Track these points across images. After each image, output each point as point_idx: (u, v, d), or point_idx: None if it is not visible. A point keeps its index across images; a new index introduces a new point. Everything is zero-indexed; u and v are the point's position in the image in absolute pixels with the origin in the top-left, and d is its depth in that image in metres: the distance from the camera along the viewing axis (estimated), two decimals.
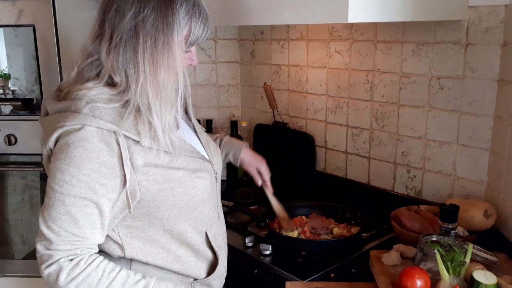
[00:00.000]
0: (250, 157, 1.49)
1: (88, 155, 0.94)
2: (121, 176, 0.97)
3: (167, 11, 0.98)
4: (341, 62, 1.89)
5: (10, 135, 1.80)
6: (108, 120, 0.96)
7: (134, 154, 0.98)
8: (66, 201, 0.94)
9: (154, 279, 1.03)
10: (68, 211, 0.94)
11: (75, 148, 0.94)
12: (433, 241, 1.23)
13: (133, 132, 0.98)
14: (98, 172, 0.95)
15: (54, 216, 0.94)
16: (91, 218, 0.97)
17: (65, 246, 0.95)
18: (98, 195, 0.96)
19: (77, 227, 0.95)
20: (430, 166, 1.67)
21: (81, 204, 0.95)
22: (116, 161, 0.96)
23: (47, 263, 0.95)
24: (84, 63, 1.02)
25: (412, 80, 1.66)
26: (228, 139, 1.50)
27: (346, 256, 1.42)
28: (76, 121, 0.95)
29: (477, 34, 1.47)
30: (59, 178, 0.94)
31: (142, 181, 1.00)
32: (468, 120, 1.54)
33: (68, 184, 0.94)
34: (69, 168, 0.94)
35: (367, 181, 1.88)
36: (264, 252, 1.44)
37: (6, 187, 1.92)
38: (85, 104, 0.95)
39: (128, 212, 1.01)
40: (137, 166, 0.99)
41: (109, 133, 0.96)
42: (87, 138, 0.94)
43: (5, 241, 1.96)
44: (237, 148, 1.48)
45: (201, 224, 1.15)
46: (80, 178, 0.94)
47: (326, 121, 2.00)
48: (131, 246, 1.06)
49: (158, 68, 0.98)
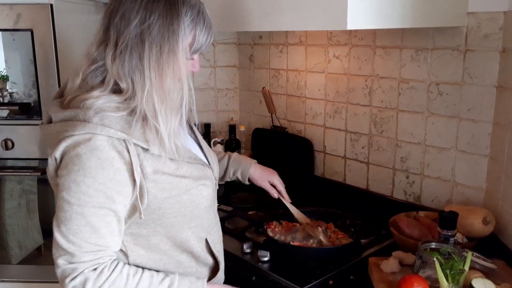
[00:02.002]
0: (259, 172, 1.50)
1: (102, 164, 0.94)
2: (132, 183, 0.98)
3: (173, 18, 0.98)
4: (340, 67, 1.88)
5: (7, 139, 1.79)
6: (118, 129, 0.96)
7: (143, 161, 0.99)
8: (86, 213, 0.94)
9: (177, 275, 1.04)
10: (89, 222, 0.94)
11: (88, 159, 0.93)
12: (432, 249, 1.23)
13: (142, 140, 0.99)
14: (113, 179, 0.95)
15: (74, 229, 0.94)
16: (110, 226, 0.97)
17: (89, 257, 0.95)
18: (116, 203, 0.96)
19: (98, 237, 0.95)
20: (429, 172, 1.66)
21: (101, 214, 0.95)
22: (128, 168, 0.97)
23: (71, 276, 0.95)
24: (89, 70, 1.02)
25: (411, 86, 1.66)
26: (236, 156, 1.51)
27: (344, 263, 1.41)
28: (86, 130, 0.94)
29: (476, 40, 1.47)
30: (75, 190, 0.93)
31: (150, 188, 1.01)
32: (467, 126, 1.54)
33: (85, 195, 0.93)
34: (84, 179, 0.93)
35: (366, 187, 1.88)
36: (262, 259, 1.43)
37: (3, 191, 1.91)
38: (95, 113, 0.95)
39: (139, 218, 1.01)
40: (147, 174, 1.00)
41: (119, 142, 0.96)
42: (98, 147, 0.94)
43: (1, 246, 1.95)
44: (245, 166, 1.49)
45: (203, 231, 1.16)
46: (97, 188, 0.94)
47: (324, 126, 2.00)
48: (134, 254, 1.06)
49: (163, 75, 0.99)
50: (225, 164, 1.50)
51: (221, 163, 1.49)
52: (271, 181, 1.52)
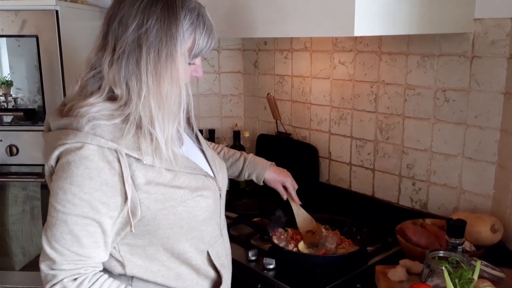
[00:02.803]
0: (274, 174, 1.49)
1: (90, 174, 0.93)
2: (122, 194, 0.96)
3: (171, 22, 0.97)
4: (345, 73, 1.88)
5: (12, 145, 1.79)
6: (109, 138, 0.94)
7: (135, 172, 0.97)
8: (69, 221, 0.93)
9: None
10: (71, 230, 0.93)
11: (76, 167, 0.92)
12: (440, 257, 1.21)
13: (135, 149, 0.97)
14: (99, 190, 0.94)
15: (57, 236, 0.93)
16: (94, 237, 0.95)
17: (69, 265, 0.94)
18: (100, 214, 0.95)
19: (80, 246, 0.94)
20: (435, 179, 1.65)
21: (84, 223, 0.94)
22: (118, 179, 0.95)
23: (51, 283, 0.94)
24: (88, 76, 1.01)
25: (417, 92, 1.65)
26: (253, 159, 1.50)
27: (351, 271, 1.40)
28: (77, 139, 0.93)
29: (483, 46, 1.46)
30: (61, 197, 0.93)
31: (143, 199, 0.98)
32: (474, 133, 1.52)
33: (70, 203, 0.92)
34: (70, 187, 0.92)
35: (372, 193, 1.87)
36: (267, 266, 1.42)
37: (7, 197, 1.91)
38: (87, 122, 0.94)
39: (130, 231, 0.99)
40: (139, 184, 0.97)
41: (110, 151, 0.94)
42: (88, 156, 0.93)
43: (5, 252, 1.95)
44: (261, 168, 1.48)
45: (203, 243, 1.12)
46: (82, 197, 0.93)
47: (330, 132, 1.99)
48: (131, 264, 1.04)
49: (161, 80, 0.97)
50: (240, 166, 1.49)
51: (237, 164, 1.49)
52: (284, 183, 1.51)
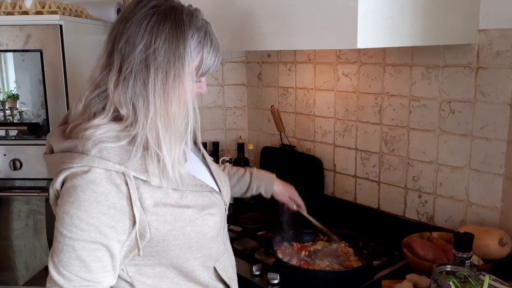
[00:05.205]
0: (281, 188, 1.55)
1: (97, 198, 0.91)
2: (130, 217, 0.94)
3: (179, 42, 0.95)
4: (349, 85, 1.87)
5: (15, 159, 1.78)
6: (116, 161, 0.93)
7: (143, 194, 0.95)
8: (76, 246, 0.91)
9: None
10: (79, 255, 0.91)
11: (83, 191, 0.91)
12: (447, 272, 1.19)
13: (142, 171, 0.95)
14: (107, 214, 0.92)
15: (65, 262, 0.91)
16: (102, 262, 0.93)
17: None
18: (108, 238, 0.93)
19: (88, 271, 0.92)
20: (442, 191, 1.63)
21: (91, 248, 0.92)
22: (126, 202, 0.93)
23: None
24: (91, 95, 0.99)
25: (422, 104, 1.64)
26: (257, 172, 1.52)
27: (356, 286, 1.38)
28: (84, 163, 0.91)
29: (488, 57, 1.45)
30: (68, 222, 0.91)
31: (152, 221, 0.97)
32: (481, 145, 1.51)
33: (77, 229, 0.91)
34: (77, 212, 0.91)
35: (377, 206, 1.85)
36: (272, 281, 1.40)
37: (11, 212, 1.90)
38: (93, 145, 0.92)
39: (138, 255, 0.98)
40: (147, 207, 0.96)
41: (117, 174, 0.93)
42: (95, 180, 0.91)
43: (9, 266, 1.94)
44: (268, 182, 1.52)
45: (210, 260, 1.11)
46: (89, 222, 0.91)
47: (334, 144, 1.97)
48: (141, 283, 1.03)
49: (168, 101, 0.95)
50: (247, 181, 1.50)
51: (243, 179, 1.50)
52: (291, 196, 1.57)
